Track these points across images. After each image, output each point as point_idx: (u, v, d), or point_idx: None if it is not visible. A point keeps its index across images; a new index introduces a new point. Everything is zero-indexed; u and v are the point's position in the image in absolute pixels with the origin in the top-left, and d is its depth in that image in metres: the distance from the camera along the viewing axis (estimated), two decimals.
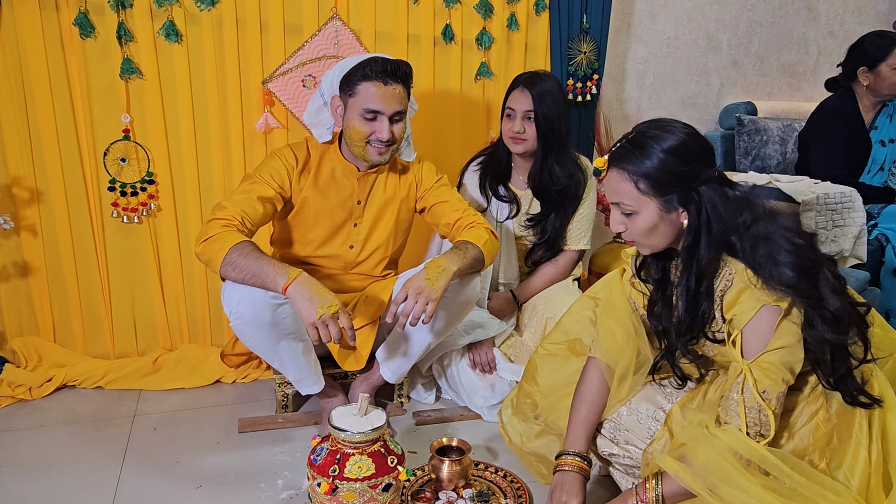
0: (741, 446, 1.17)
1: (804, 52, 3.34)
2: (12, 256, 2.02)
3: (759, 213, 1.21)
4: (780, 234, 1.18)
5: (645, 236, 1.26)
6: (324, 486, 1.34)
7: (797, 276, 1.16)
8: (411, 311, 1.53)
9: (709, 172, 1.21)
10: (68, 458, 1.67)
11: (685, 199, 1.21)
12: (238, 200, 1.64)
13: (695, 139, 1.22)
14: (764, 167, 2.97)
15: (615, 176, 1.24)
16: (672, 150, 1.19)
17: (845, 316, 1.19)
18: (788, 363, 1.19)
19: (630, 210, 1.24)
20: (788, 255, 1.16)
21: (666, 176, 1.19)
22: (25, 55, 1.89)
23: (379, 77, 1.64)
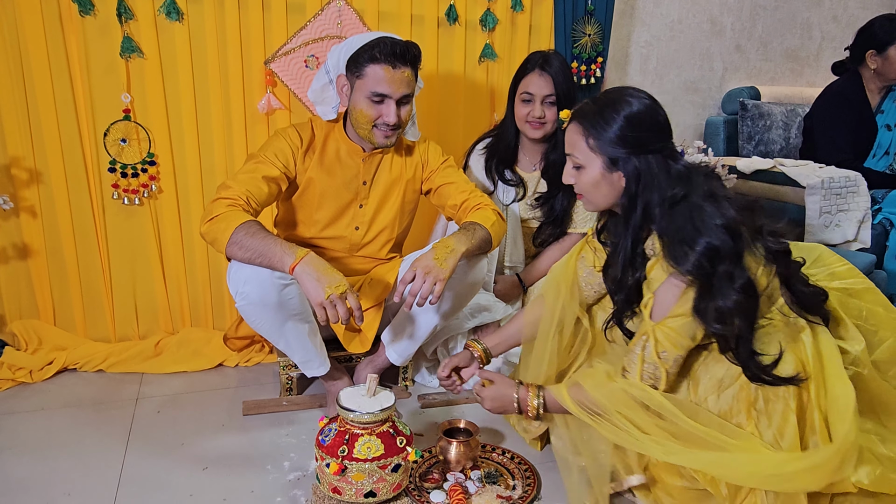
0: (637, 391, 1.28)
1: (807, 37, 3.32)
2: (11, 238, 1.99)
3: (694, 191, 1.26)
4: (702, 217, 1.23)
5: (589, 192, 1.37)
6: (333, 467, 1.33)
7: (695, 261, 1.21)
8: (419, 291, 1.51)
9: (658, 145, 1.30)
10: (71, 441, 1.65)
11: (627, 164, 1.30)
12: (243, 180, 1.61)
13: (653, 111, 1.31)
14: (767, 152, 2.96)
15: (573, 128, 1.36)
16: (628, 117, 1.29)
17: (733, 314, 1.21)
18: (690, 331, 1.27)
19: (579, 163, 1.35)
20: (696, 241, 1.22)
21: (615, 138, 1.29)
22: (24, 33, 1.85)
23: (388, 60, 1.61)
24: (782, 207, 2.55)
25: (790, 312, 1.29)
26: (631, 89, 1.34)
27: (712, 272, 1.22)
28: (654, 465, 1.34)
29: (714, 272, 1.22)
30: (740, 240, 1.23)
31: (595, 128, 1.31)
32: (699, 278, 1.23)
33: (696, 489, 1.29)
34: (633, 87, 1.35)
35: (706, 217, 1.23)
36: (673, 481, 1.32)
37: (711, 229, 1.22)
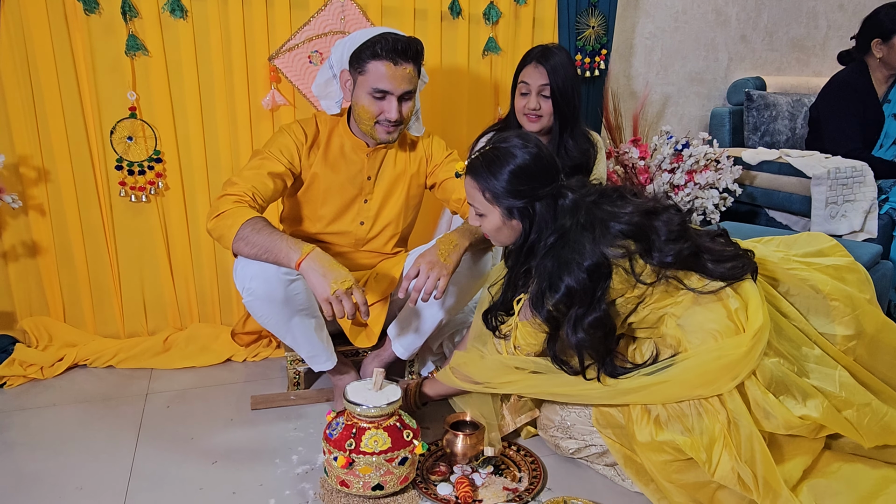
0: (508, 359, 1.52)
1: (813, 27, 3.30)
2: (21, 236, 2.01)
3: (575, 225, 1.38)
4: (572, 255, 1.35)
5: (493, 234, 1.50)
6: (340, 460, 1.35)
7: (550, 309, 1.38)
8: (423, 286, 1.52)
9: (546, 190, 1.40)
10: (83, 436, 1.67)
11: (522, 212, 1.42)
12: (248, 176, 1.62)
13: (537, 161, 1.40)
14: (773, 143, 2.95)
15: (469, 182, 1.46)
16: (515, 172, 1.39)
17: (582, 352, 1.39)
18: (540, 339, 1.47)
19: (480, 212, 1.47)
20: (558, 286, 1.35)
21: (506, 192, 1.40)
22: (30, 32, 1.87)
23: (389, 56, 1.61)
24: (788, 198, 2.54)
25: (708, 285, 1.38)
26: (516, 139, 1.42)
27: (565, 314, 1.37)
28: (639, 445, 1.38)
29: (566, 314, 1.37)
30: (605, 278, 1.35)
31: (487, 182, 1.41)
32: (551, 325, 1.41)
33: (678, 461, 1.35)
34: (518, 137, 1.43)
35: (575, 256, 1.34)
36: (657, 457, 1.36)
37: (573, 272, 1.33)
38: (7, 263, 2.01)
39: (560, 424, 1.55)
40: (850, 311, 1.44)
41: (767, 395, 1.31)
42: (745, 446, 1.28)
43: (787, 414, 1.29)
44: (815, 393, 1.33)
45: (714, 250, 1.40)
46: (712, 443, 1.31)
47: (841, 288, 1.46)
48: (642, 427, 1.37)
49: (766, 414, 1.31)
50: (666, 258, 1.35)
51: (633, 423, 1.39)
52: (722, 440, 1.30)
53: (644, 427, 1.37)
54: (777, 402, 1.31)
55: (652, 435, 1.35)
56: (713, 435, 1.31)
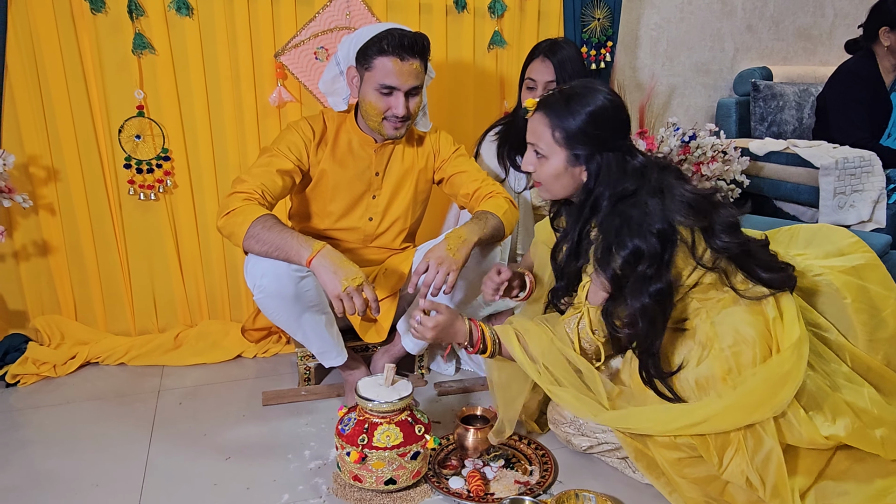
0: (576, 357, 1.42)
1: (820, 15, 3.28)
2: (31, 235, 2.02)
3: (644, 187, 1.32)
4: (641, 218, 1.29)
5: (549, 182, 1.41)
6: (353, 455, 1.36)
7: (617, 266, 1.30)
8: (433, 282, 1.53)
9: (619, 142, 1.35)
10: (97, 433, 1.69)
11: (589, 159, 1.35)
12: (257, 174, 1.63)
13: (616, 109, 1.35)
14: (780, 133, 2.93)
15: (538, 119, 1.38)
16: (593, 114, 1.32)
17: (640, 316, 1.31)
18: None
19: (542, 153, 1.39)
20: (625, 243, 1.29)
21: (580, 134, 1.33)
22: (37, 32, 1.87)
23: (395, 52, 1.61)
24: (796, 189, 2.54)
25: (751, 290, 1.35)
26: (598, 85, 1.37)
27: (630, 275, 1.30)
28: (655, 442, 1.38)
29: (633, 274, 1.30)
30: (672, 246, 1.29)
31: (561, 121, 1.34)
32: (615, 285, 1.32)
33: (690, 457, 1.35)
34: (600, 83, 1.39)
35: (645, 218, 1.29)
36: (670, 454, 1.36)
37: (644, 233, 1.28)
38: (19, 263, 2.03)
39: (572, 421, 1.55)
40: (877, 312, 1.41)
41: (798, 410, 1.28)
42: (761, 456, 1.27)
43: (814, 432, 1.27)
44: (846, 411, 1.30)
45: (762, 258, 1.37)
46: (725, 445, 1.30)
47: (864, 290, 1.43)
48: None
49: (791, 428, 1.28)
50: (724, 245, 1.31)
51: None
52: (735, 444, 1.29)
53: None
54: (806, 417, 1.28)
55: (670, 435, 1.35)
56: (728, 438, 1.30)
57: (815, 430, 1.27)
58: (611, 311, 1.35)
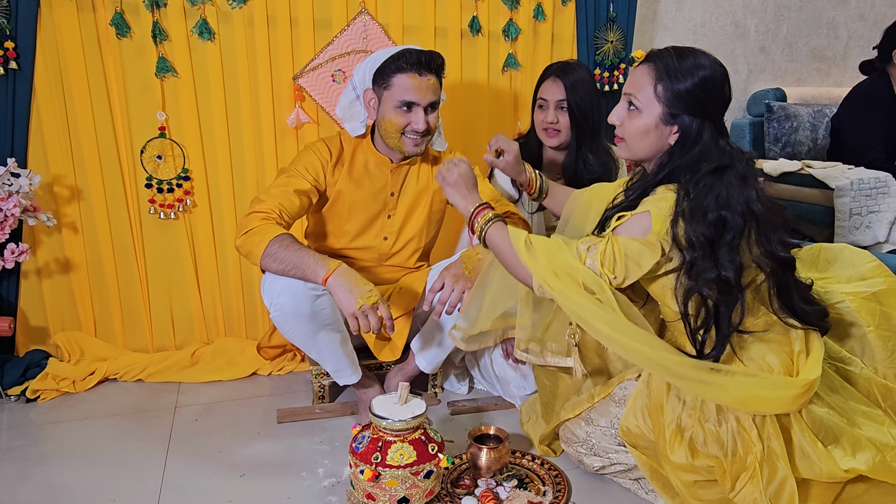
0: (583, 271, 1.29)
1: (834, 37, 3.29)
2: (54, 253, 2.07)
3: (731, 169, 1.28)
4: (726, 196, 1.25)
5: (634, 138, 1.36)
6: (367, 473, 1.37)
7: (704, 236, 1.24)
8: (448, 299, 1.54)
9: (716, 114, 1.31)
10: (114, 449, 1.71)
11: (684, 122, 1.30)
12: (275, 194, 1.66)
13: (724, 81, 1.32)
14: (794, 154, 2.93)
15: (644, 69, 1.34)
16: (704, 78, 1.28)
17: (732, 288, 1.26)
18: (640, 259, 1.29)
19: (637, 105, 1.34)
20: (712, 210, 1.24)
21: (684, 94, 1.28)
22: (64, 56, 1.93)
23: (414, 69, 1.65)
24: (811, 209, 2.53)
25: (783, 316, 1.33)
26: (710, 55, 1.33)
27: (718, 241, 1.25)
28: (671, 464, 1.37)
29: (720, 241, 1.25)
30: (755, 226, 1.27)
31: (669, 76, 1.29)
32: (705, 247, 1.25)
33: (706, 480, 1.34)
34: (708, 53, 1.33)
35: (733, 198, 1.25)
36: (686, 477, 1.36)
37: (733, 207, 1.25)
38: (41, 280, 2.07)
39: (585, 441, 1.54)
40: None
41: (816, 444, 1.27)
42: (774, 486, 1.27)
43: (833, 466, 1.26)
44: (867, 445, 1.28)
45: (802, 289, 1.36)
46: (740, 471, 1.29)
47: (887, 317, 1.42)
48: (675, 447, 1.35)
49: (810, 463, 1.27)
50: (776, 250, 1.29)
51: (666, 443, 1.37)
52: (751, 472, 1.28)
53: (678, 447, 1.35)
54: (825, 451, 1.27)
55: (688, 458, 1.33)
56: (744, 465, 1.29)
57: (834, 465, 1.25)
58: (700, 272, 1.27)
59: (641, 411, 1.44)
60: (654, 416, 1.42)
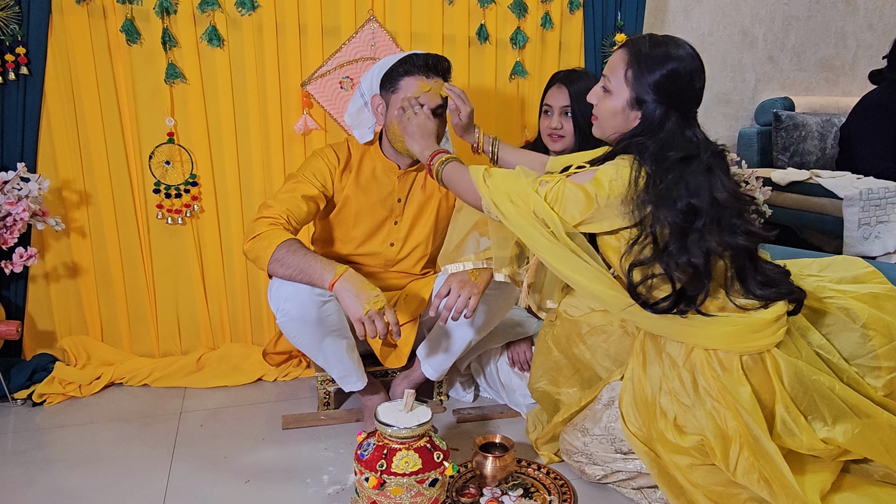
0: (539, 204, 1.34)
1: (842, 47, 3.28)
2: (62, 257, 2.08)
3: (695, 160, 1.31)
4: (693, 183, 1.28)
5: (605, 118, 1.42)
6: (372, 481, 1.36)
7: (674, 223, 1.28)
8: (454, 305, 1.54)
9: (683, 106, 1.35)
10: (119, 454, 1.71)
11: (648, 108, 1.35)
12: (283, 199, 1.66)
13: (694, 75, 1.35)
14: (803, 163, 2.92)
15: (620, 54, 1.40)
16: (673, 69, 1.33)
17: (699, 274, 1.29)
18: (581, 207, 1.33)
19: (609, 88, 1.40)
20: (680, 197, 1.28)
21: (651, 82, 1.33)
22: (75, 62, 1.95)
23: (421, 71, 1.66)
24: (819, 219, 2.52)
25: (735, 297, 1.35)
26: (686, 44, 1.37)
27: (689, 227, 1.29)
28: (661, 441, 1.39)
29: (690, 228, 1.29)
30: (720, 214, 1.30)
31: (639, 63, 1.35)
32: (677, 233, 1.29)
33: (702, 464, 1.36)
34: (690, 45, 1.37)
35: (697, 186, 1.29)
36: (681, 459, 1.37)
37: (699, 196, 1.29)
38: (49, 284, 2.08)
39: (583, 451, 1.54)
40: (887, 342, 1.41)
41: (799, 418, 1.30)
42: (764, 459, 1.29)
43: (812, 437, 1.29)
44: (847, 415, 1.32)
45: (767, 273, 1.38)
46: (729, 443, 1.32)
47: (879, 317, 1.43)
48: (662, 429, 1.39)
49: (791, 434, 1.31)
50: (737, 238, 1.31)
51: (655, 428, 1.40)
52: (738, 440, 1.31)
53: (665, 429, 1.39)
54: (806, 424, 1.30)
55: (675, 438, 1.37)
56: (727, 436, 1.32)
57: (812, 435, 1.29)
58: (672, 256, 1.31)
59: (632, 407, 1.47)
60: (640, 408, 1.45)
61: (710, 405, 1.35)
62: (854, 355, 1.43)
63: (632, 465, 1.50)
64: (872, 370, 1.42)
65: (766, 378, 1.35)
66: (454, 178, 1.49)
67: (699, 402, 1.37)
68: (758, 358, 1.36)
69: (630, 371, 1.50)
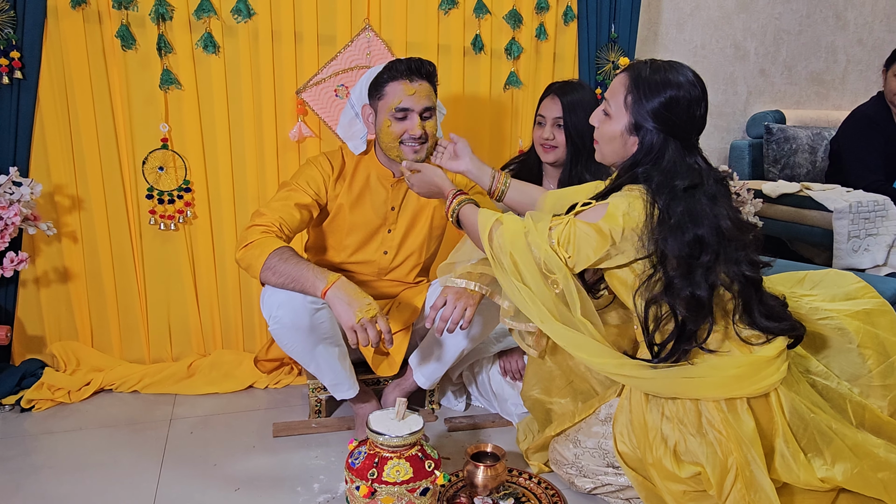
0: (544, 251, 1.33)
1: (832, 61, 3.32)
2: (53, 262, 2.06)
3: (699, 188, 1.31)
4: (698, 212, 1.28)
5: (604, 142, 1.42)
6: (363, 490, 1.35)
7: (681, 256, 1.27)
8: (451, 316, 1.54)
9: (683, 133, 1.33)
10: (108, 461, 1.69)
11: (646, 135, 1.34)
12: (276, 207, 1.66)
13: (695, 104, 1.33)
14: (793, 176, 2.95)
15: (621, 78, 1.39)
16: (672, 97, 1.31)
17: (702, 307, 1.29)
18: (594, 246, 1.32)
19: (609, 112, 1.39)
20: (686, 228, 1.27)
21: (649, 109, 1.32)
22: (69, 66, 1.94)
23: (404, 76, 1.67)
24: (809, 231, 2.54)
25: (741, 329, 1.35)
26: (689, 71, 1.35)
27: (696, 260, 1.28)
28: (657, 467, 1.38)
29: (697, 261, 1.28)
30: (724, 244, 1.29)
31: (638, 89, 1.34)
32: (683, 267, 1.28)
33: (695, 491, 1.35)
34: (693, 72, 1.36)
35: (701, 216, 1.28)
36: (675, 487, 1.37)
37: (706, 227, 1.28)
38: (39, 289, 2.07)
39: (573, 463, 1.54)
40: (883, 359, 1.42)
41: (799, 453, 1.30)
42: (757, 493, 1.29)
43: (810, 474, 1.29)
44: (848, 456, 1.31)
45: (770, 305, 1.37)
46: (724, 475, 1.31)
47: (873, 334, 1.43)
48: (660, 457, 1.37)
49: (788, 468, 1.30)
50: (743, 269, 1.31)
51: (652, 454, 1.39)
52: (734, 471, 1.30)
53: (663, 457, 1.37)
54: (805, 461, 1.30)
55: (673, 467, 1.35)
56: (726, 468, 1.31)
57: (811, 473, 1.29)
58: (676, 290, 1.30)
59: (627, 427, 1.46)
60: (637, 431, 1.44)
61: (713, 435, 1.34)
62: (855, 375, 1.43)
63: (623, 479, 1.50)
64: (877, 388, 1.42)
65: (768, 411, 1.34)
66: (466, 221, 1.49)
67: (701, 432, 1.35)
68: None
69: (628, 392, 1.48)
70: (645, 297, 1.33)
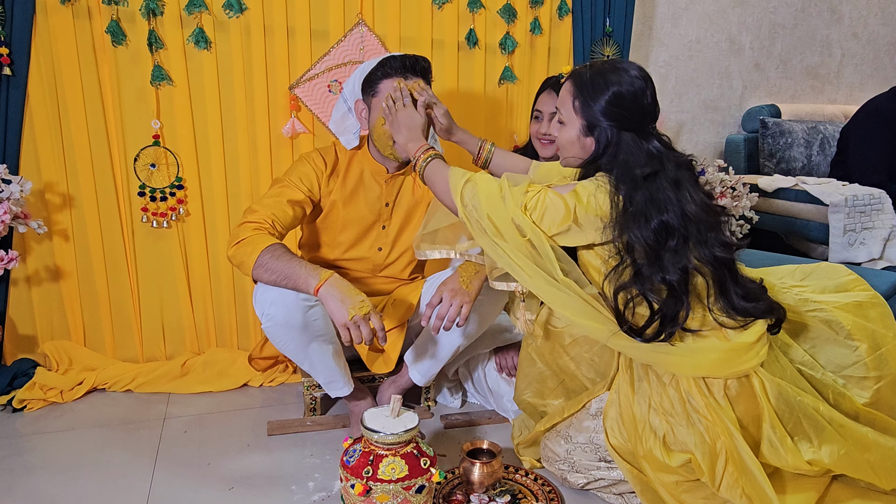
0: (517, 213, 1.36)
1: (827, 55, 3.32)
2: (44, 261, 2.04)
3: (661, 174, 1.33)
4: (662, 198, 1.30)
5: (564, 147, 1.46)
6: (358, 488, 1.34)
7: (648, 243, 1.29)
8: (446, 314, 1.53)
9: (635, 124, 1.36)
10: (101, 460, 1.68)
11: (601, 133, 1.37)
12: (268, 204, 1.65)
13: (640, 93, 1.36)
14: (789, 170, 2.95)
15: (566, 86, 1.43)
16: (616, 94, 1.35)
17: (677, 291, 1.31)
18: (561, 217, 1.34)
19: (562, 120, 1.44)
20: (651, 216, 1.29)
21: (597, 108, 1.36)
22: (59, 62, 1.92)
23: (399, 73, 1.65)
24: (805, 225, 2.54)
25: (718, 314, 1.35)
26: (629, 65, 1.39)
27: (663, 246, 1.30)
28: (648, 459, 1.39)
29: (664, 247, 1.30)
30: (691, 228, 1.31)
31: (583, 93, 1.38)
32: (650, 254, 1.30)
33: (687, 481, 1.36)
34: (633, 64, 1.40)
35: (666, 202, 1.30)
36: (667, 478, 1.37)
37: (670, 212, 1.30)
38: (31, 288, 2.05)
39: (565, 459, 1.54)
40: (873, 351, 1.42)
41: (785, 438, 1.31)
42: (747, 476, 1.29)
43: (797, 458, 1.30)
44: (833, 436, 1.32)
45: (746, 286, 1.38)
46: (715, 460, 1.32)
47: (864, 325, 1.43)
48: (650, 447, 1.38)
49: (776, 452, 1.31)
50: (714, 250, 1.32)
51: (641, 445, 1.40)
52: (724, 455, 1.31)
53: (653, 447, 1.38)
54: (792, 445, 1.31)
55: (663, 457, 1.36)
56: (715, 452, 1.32)
57: (799, 457, 1.30)
58: (646, 278, 1.32)
59: (617, 421, 1.46)
60: (626, 424, 1.44)
61: (699, 421, 1.35)
62: (841, 367, 1.44)
63: (615, 473, 1.50)
64: (860, 381, 1.42)
65: (752, 399, 1.35)
66: (434, 178, 1.48)
67: (689, 420, 1.37)
68: (744, 380, 1.35)
69: (617, 386, 1.49)
70: (614, 284, 1.35)
